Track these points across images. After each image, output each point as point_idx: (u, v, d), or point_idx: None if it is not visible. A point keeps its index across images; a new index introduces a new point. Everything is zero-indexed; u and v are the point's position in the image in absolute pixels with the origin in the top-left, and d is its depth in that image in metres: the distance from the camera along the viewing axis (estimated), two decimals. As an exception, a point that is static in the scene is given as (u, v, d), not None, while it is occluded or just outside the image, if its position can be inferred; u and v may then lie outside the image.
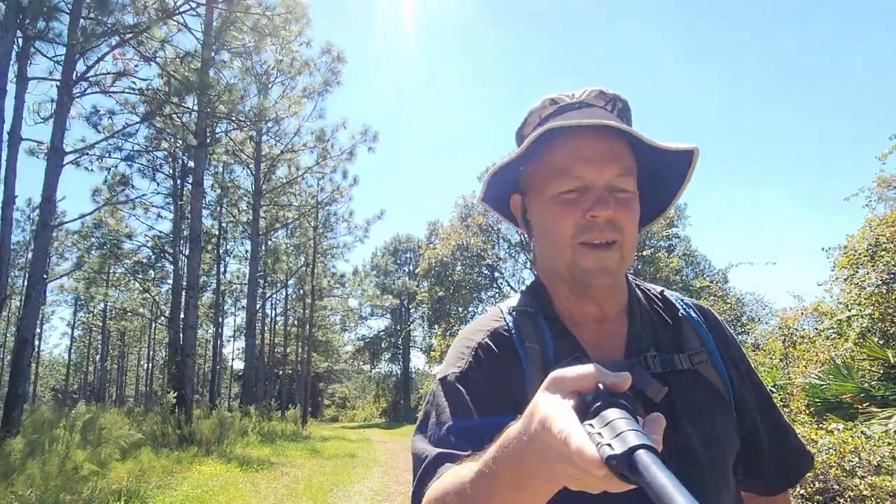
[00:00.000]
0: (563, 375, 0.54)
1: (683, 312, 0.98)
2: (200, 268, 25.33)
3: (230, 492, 7.13)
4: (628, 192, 0.89)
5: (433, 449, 0.80)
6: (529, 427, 0.54)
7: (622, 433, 0.46)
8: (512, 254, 21.85)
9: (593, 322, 0.94)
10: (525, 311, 0.95)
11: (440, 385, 0.89)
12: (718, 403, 0.90)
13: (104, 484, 6.77)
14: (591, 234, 0.87)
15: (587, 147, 0.88)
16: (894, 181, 8.06)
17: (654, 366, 0.88)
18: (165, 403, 13.63)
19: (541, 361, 0.87)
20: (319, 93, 19.45)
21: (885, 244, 7.83)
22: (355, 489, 8.30)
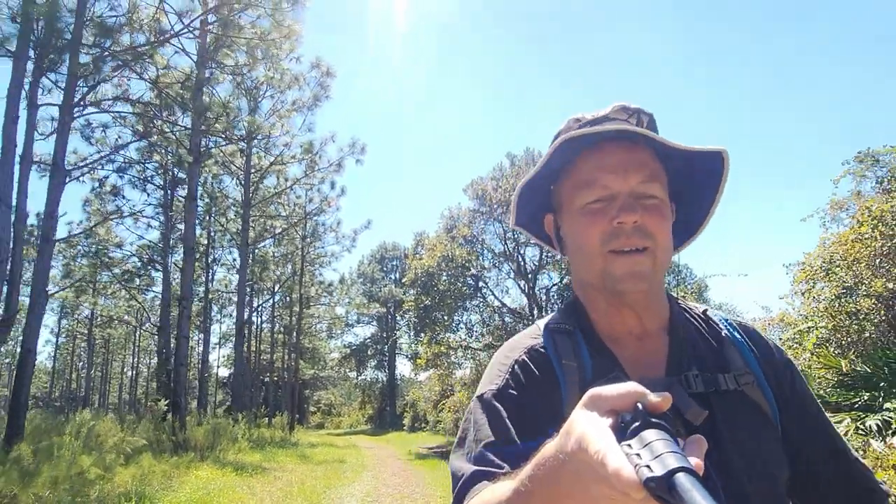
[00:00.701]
0: (601, 394, 0.54)
1: (727, 333, 0.96)
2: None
3: (229, 494, 7.59)
4: (656, 197, 0.89)
5: (470, 466, 0.80)
6: (566, 446, 0.54)
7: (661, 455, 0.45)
8: (496, 264, 22.41)
9: (633, 338, 0.93)
10: (562, 328, 0.94)
11: (478, 402, 0.89)
12: (764, 427, 0.87)
13: (110, 487, 7.20)
14: (618, 241, 0.87)
15: (610, 156, 0.89)
16: (846, 203, 8.74)
17: (697, 385, 0.85)
18: (157, 411, 14.01)
19: (578, 379, 0.86)
20: (309, 107, 19.91)
21: (838, 261, 8.49)
22: (346, 492, 8.79)
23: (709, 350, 0.93)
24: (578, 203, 0.91)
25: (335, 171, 22.94)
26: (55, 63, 8.36)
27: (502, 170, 21.38)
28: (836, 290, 8.46)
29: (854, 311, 8.30)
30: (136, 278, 24.60)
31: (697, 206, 1.01)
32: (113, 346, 52.51)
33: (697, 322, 0.98)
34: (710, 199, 0.99)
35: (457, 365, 24.06)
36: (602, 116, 0.94)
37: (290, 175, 23.46)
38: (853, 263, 8.29)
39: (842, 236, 8.62)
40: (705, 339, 0.94)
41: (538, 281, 22.46)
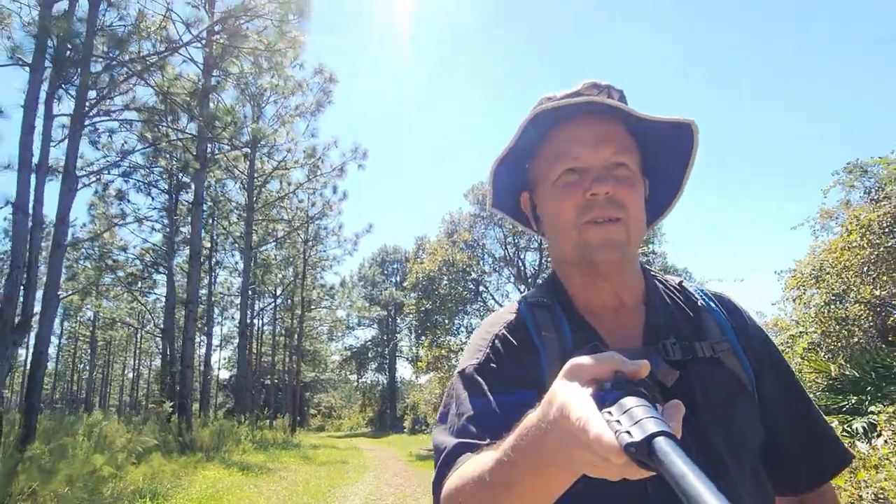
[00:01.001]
0: (581, 363, 0.55)
1: (703, 302, 0.97)
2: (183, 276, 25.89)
3: (237, 493, 7.84)
4: (628, 168, 0.90)
5: (452, 439, 0.81)
6: (548, 415, 0.55)
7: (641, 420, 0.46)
8: (496, 268, 22.67)
9: (610, 310, 0.94)
10: (541, 302, 0.95)
11: (459, 377, 0.91)
12: (740, 393, 0.88)
13: (123, 485, 7.46)
14: (592, 212, 0.88)
15: (581, 129, 0.90)
16: (835, 213, 9.01)
17: (674, 353, 0.87)
18: (162, 412, 14.27)
19: (558, 350, 0.87)
20: (312, 113, 20.19)
21: (827, 269, 8.76)
22: (350, 491, 9.04)
23: (685, 319, 0.94)
24: (552, 176, 0.92)
25: (337, 176, 23.24)
26: (71, 76, 8.62)
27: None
28: (825, 296, 8.72)
29: (843, 317, 8.56)
30: (139, 281, 24.86)
31: (669, 182, 1.02)
32: (114, 348, 52.78)
33: (674, 293, 0.99)
34: (680, 175, 1.00)
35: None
36: (573, 92, 0.94)
37: (293, 179, 23.76)
38: (842, 271, 8.55)
39: (832, 244, 8.89)
40: (681, 310, 0.96)
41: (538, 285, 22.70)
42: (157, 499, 6.74)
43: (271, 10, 10.36)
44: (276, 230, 25.45)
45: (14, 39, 12.52)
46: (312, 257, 27.88)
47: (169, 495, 7.04)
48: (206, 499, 7.07)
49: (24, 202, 7.93)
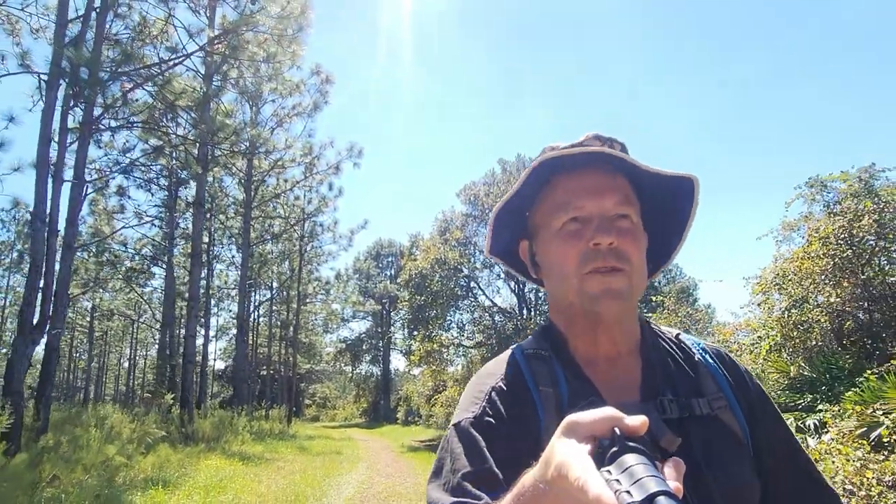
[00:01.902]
0: (579, 420, 0.54)
1: (700, 357, 0.97)
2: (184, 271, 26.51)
3: (240, 481, 8.49)
4: (631, 220, 0.91)
5: (448, 498, 0.79)
6: (546, 474, 0.54)
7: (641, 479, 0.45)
8: (487, 264, 23.34)
9: (606, 361, 0.93)
10: (538, 354, 0.94)
11: (454, 431, 0.89)
12: (738, 449, 0.88)
13: (133, 473, 8.10)
14: (595, 262, 0.87)
15: (585, 180, 0.91)
16: (797, 225, 9.66)
17: (671, 410, 0.86)
18: (163, 405, 14.89)
19: (555, 405, 0.86)
20: (309, 114, 20.71)
21: (790, 276, 9.41)
22: (344, 480, 9.71)
23: (682, 374, 0.93)
24: (554, 225, 0.92)
25: (333, 174, 23.81)
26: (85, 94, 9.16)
27: (494, 175, 22.30)
28: (787, 302, 9.37)
29: (803, 321, 9.22)
30: (139, 275, 25.38)
31: (669, 233, 1.03)
32: (109, 339, 53.27)
33: (670, 346, 0.98)
34: (681, 227, 1.01)
35: (449, 362, 25.05)
36: (577, 144, 0.94)
37: (290, 177, 24.28)
38: (803, 278, 9.21)
39: (795, 253, 9.54)
40: (678, 363, 0.95)
41: (526, 284, 23.41)
42: (168, 486, 7.37)
43: (271, 25, 10.89)
44: (273, 226, 26.04)
45: (22, 45, 13.13)
46: (308, 253, 28.45)
47: (178, 483, 7.68)
48: (212, 486, 7.71)
49: (42, 210, 8.51)
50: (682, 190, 0.96)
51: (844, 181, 9.11)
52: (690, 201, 0.97)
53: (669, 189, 0.95)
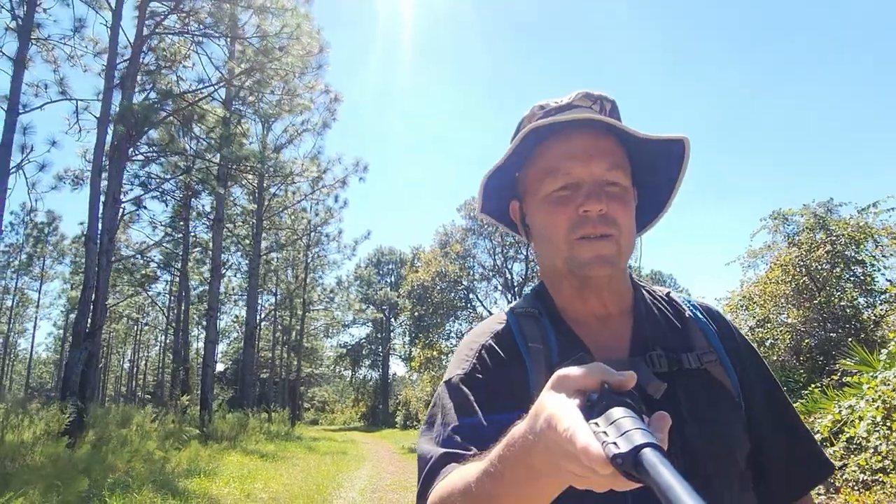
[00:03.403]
0: (568, 374, 0.55)
1: (690, 313, 0.98)
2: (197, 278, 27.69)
3: (264, 473, 9.62)
4: (620, 185, 0.91)
5: (438, 449, 0.81)
6: (535, 426, 0.55)
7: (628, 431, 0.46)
8: (486, 277, 24.52)
9: (597, 321, 0.95)
10: (528, 312, 0.96)
11: (445, 387, 0.91)
12: (727, 404, 0.89)
13: (171, 466, 9.22)
14: (584, 229, 0.88)
15: (574, 144, 0.90)
16: (761, 253, 10.86)
17: (660, 364, 0.87)
18: (179, 406, 16.02)
19: (545, 361, 0.87)
20: (318, 132, 21.86)
21: (755, 298, 10.58)
22: (355, 475, 10.85)
23: (672, 330, 0.95)
24: (544, 191, 0.92)
25: (340, 187, 24.97)
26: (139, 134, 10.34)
27: (493, 192, 23.47)
28: (753, 321, 10.51)
29: (766, 338, 10.35)
30: (152, 281, 26.51)
31: (657, 191, 1.03)
32: (112, 340, 54.26)
33: (661, 304, 1.00)
34: (670, 184, 1.01)
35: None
36: (566, 104, 0.96)
37: (299, 189, 25.43)
38: (766, 301, 10.36)
39: (761, 278, 10.71)
40: (669, 320, 0.96)
41: (524, 294, 24.59)
42: (205, 476, 8.50)
43: (292, 63, 12.05)
44: (279, 235, 27.21)
45: (60, 72, 14.35)
46: (313, 262, 29.60)
47: (214, 473, 8.80)
48: (244, 476, 8.83)
49: (95, 233, 9.65)
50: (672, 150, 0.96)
51: (802, 215, 10.29)
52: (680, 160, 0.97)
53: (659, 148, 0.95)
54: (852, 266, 10.10)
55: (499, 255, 23.86)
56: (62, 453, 7.61)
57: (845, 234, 9.81)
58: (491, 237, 23.49)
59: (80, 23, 13.33)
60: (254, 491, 7.83)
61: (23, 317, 50.40)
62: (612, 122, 0.89)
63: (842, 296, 9.90)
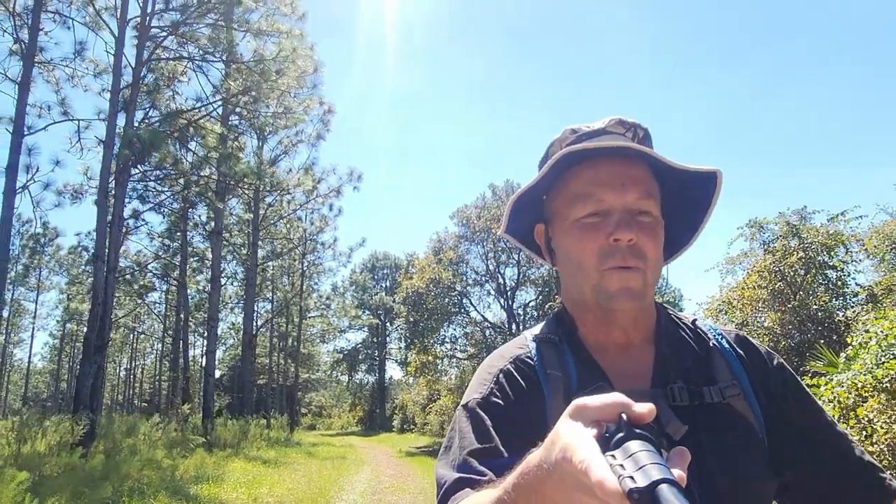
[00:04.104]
0: (586, 404, 0.54)
1: (715, 343, 0.96)
2: (195, 287, 28.07)
3: (269, 479, 10.07)
4: (651, 215, 0.90)
5: (454, 474, 0.81)
6: (550, 455, 0.54)
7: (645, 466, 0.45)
8: (479, 282, 25.04)
9: (618, 349, 0.94)
10: (548, 339, 0.96)
11: (463, 411, 0.90)
12: (749, 439, 0.87)
13: (179, 473, 9.66)
14: (614, 259, 0.87)
15: (607, 171, 0.90)
16: (738, 260, 11.40)
17: (682, 398, 0.86)
18: (180, 414, 16.43)
19: (563, 389, 0.87)
20: (312, 143, 22.33)
21: (733, 303, 11.11)
22: (355, 478, 11.30)
23: (696, 361, 0.93)
24: (573, 216, 0.92)
25: (334, 196, 25.45)
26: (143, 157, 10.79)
27: (485, 199, 24.00)
28: (732, 325, 11.03)
29: (745, 341, 10.83)
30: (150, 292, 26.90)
31: (686, 222, 1.02)
32: (108, 350, 54.31)
33: (685, 332, 0.98)
34: (699, 217, 1.00)
35: (443, 372, 26.73)
36: (599, 129, 0.96)
37: (294, 199, 25.87)
38: (744, 306, 10.88)
39: (739, 284, 11.24)
40: (692, 350, 0.95)
41: (517, 298, 25.16)
42: (213, 482, 8.95)
43: (288, 84, 12.53)
44: (276, 244, 27.66)
45: (62, 93, 14.79)
46: (309, 269, 30.04)
47: (221, 479, 9.25)
48: (249, 482, 9.29)
49: (103, 252, 10.09)
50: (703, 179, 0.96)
51: (776, 224, 10.84)
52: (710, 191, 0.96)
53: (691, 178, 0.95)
54: (825, 271, 10.65)
55: (491, 261, 24.39)
56: (77, 463, 8.04)
57: (816, 241, 10.35)
58: (483, 243, 24.03)
59: (81, 46, 13.77)
60: (260, 496, 8.29)
61: (19, 327, 50.49)
62: (646, 151, 0.88)
63: (814, 300, 10.44)
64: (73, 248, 37.66)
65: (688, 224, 1.03)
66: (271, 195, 24.47)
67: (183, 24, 12.18)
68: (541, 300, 23.72)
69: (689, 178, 0.95)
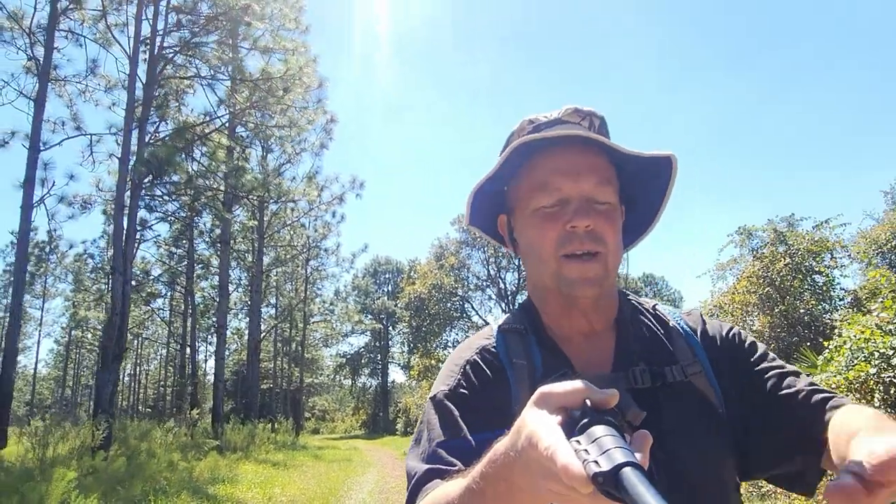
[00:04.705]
0: (550, 391, 0.55)
1: (675, 323, 0.98)
2: (201, 295, 28.53)
3: (280, 480, 10.52)
4: (608, 203, 0.92)
5: (423, 465, 0.84)
6: (517, 443, 0.55)
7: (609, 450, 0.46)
8: (480, 287, 25.52)
9: (582, 337, 0.96)
10: (513, 329, 0.97)
11: (430, 403, 0.93)
12: (711, 416, 0.89)
13: (195, 474, 10.11)
14: (571, 245, 0.89)
15: (563, 160, 0.91)
16: (728, 266, 11.86)
17: (643, 380, 0.88)
18: (188, 419, 16.88)
19: (528, 377, 0.89)
20: (316, 152, 22.81)
21: (724, 307, 11.56)
22: (362, 479, 11.76)
23: (657, 344, 0.95)
24: (533, 206, 0.93)
25: (337, 204, 25.93)
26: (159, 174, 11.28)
27: (485, 205, 24.51)
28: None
29: (736, 344, 11.26)
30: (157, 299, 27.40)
31: (646, 207, 1.04)
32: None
33: (647, 317, 1.00)
34: (658, 201, 1.02)
35: (446, 376, 27.18)
36: (555, 119, 0.97)
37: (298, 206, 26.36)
38: (735, 310, 11.32)
39: (731, 289, 11.70)
40: (654, 333, 0.96)
41: (517, 302, 25.63)
42: (228, 483, 9.40)
43: (294, 99, 13.00)
44: (279, 251, 28.16)
45: (74, 108, 15.30)
46: (313, 275, 30.52)
47: (235, 481, 9.71)
48: (262, 483, 9.74)
49: (120, 265, 10.56)
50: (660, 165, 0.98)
51: (765, 231, 11.30)
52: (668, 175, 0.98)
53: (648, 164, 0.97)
54: (812, 276, 11.09)
55: (492, 266, 24.90)
56: (100, 465, 8.50)
57: (802, 247, 10.81)
58: (484, 248, 24.52)
59: (93, 63, 14.27)
60: (274, 495, 8.74)
61: (24, 334, 50.95)
62: (599, 139, 0.90)
63: (802, 304, 10.88)
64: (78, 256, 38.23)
65: (647, 212, 1.05)
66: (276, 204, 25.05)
67: (191, 43, 12.66)
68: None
69: (647, 165, 0.97)
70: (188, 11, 12.80)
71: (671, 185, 0.99)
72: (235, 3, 11.11)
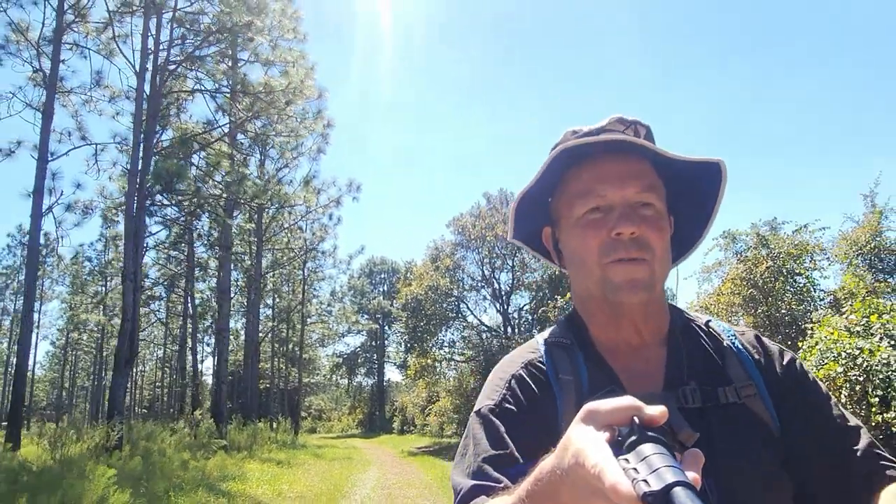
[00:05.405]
0: (597, 408, 0.54)
1: (729, 343, 0.95)
2: (199, 297, 28.90)
3: (286, 477, 10.98)
4: (654, 207, 0.90)
5: (469, 481, 0.82)
6: (563, 461, 0.54)
7: (658, 469, 0.45)
8: (475, 286, 26.01)
9: (631, 350, 0.94)
10: (559, 343, 0.96)
11: (476, 418, 0.91)
12: (764, 440, 0.86)
13: (206, 472, 10.56)
14: (616, 253, 0.87)
15: (607, 168, 0.91)
16: (713, 268, 12.39)
17: (694, 399, 0.86)
18: (192, 420, 17.29)
19: (575, 393, 0.87)
20: (313, 157, 23.23)
21: (711, 308, 12.08)
22: (364, 476, 12.24)
23: (709, 362, 0.92)
24: (576, 214, 0.92)
25: (334, 207, 26.37)
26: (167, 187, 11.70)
27: (480, 208, 24.98)
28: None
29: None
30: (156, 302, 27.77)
31: (694, 220, 1.02)
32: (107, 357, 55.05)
33: (700, 333, 0.97)
34: (706, 213, 1.00)
35: (441, 375, 27.72)
36: (599, 128, 0.95)
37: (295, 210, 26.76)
38: (721, 311, 11.85)
39: (716, 290, 12.23)
40: (706, 351, 0.94)
41: (511, 302, 26.15)
42: (242, 478, 9.86)
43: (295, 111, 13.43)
44: (277, 253, 28.58)
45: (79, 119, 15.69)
46: (310, 277, 30.95)
47: (244, 478, 10.16)
48: (269, 479, 10.21)
49: (130, 272, 10.98)
50: (708, 173, 0.96)
51: (748, 235, 11.83)
52: (717, 184, 0.96)
53: (695, 172, 0.95)
54: (793, 277, 11.62)
55: (486, 266, 25.36)
56: (117, 464, 8.93)
57: (783, 250, 11.34)
58: (479, 250, 25.00)
59: (98, 75, 14.65)
60: (283, 491, 9.22)
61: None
62: (642, 143, 0.89)
63: (783, 305, 11.42)
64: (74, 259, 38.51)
65: (697, 221, 1.03)
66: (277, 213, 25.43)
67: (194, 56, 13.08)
68: (535, 304, 24.65)
69: (694, 173, 0.96)
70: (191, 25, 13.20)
71: (721, 192, 0.98)
72: (239, 19, 11.51)
